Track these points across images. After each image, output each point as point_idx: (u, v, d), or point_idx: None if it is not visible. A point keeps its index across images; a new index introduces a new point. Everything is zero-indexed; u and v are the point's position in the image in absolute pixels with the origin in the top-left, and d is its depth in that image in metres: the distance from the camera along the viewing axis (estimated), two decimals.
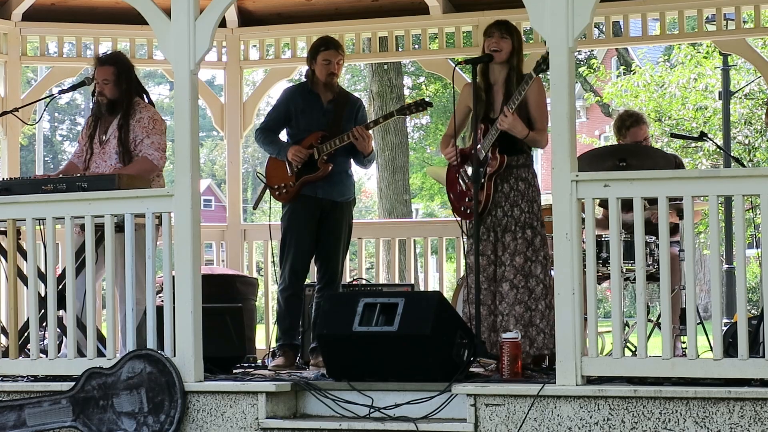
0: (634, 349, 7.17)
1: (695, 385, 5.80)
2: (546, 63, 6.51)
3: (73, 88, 8.02)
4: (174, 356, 6.56)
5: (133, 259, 6.75)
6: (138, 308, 6.80)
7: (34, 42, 10.38)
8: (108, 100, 7.57)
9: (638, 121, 8.40)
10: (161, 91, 47.66)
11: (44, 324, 7.09)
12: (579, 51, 21.16)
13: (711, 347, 6.58)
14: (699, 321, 7.19)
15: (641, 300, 6.06)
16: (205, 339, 6.63)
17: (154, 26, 6.82)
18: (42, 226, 7.04)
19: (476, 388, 6.06)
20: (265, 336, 9.13)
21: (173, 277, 6.65)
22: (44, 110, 9.93)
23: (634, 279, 6.89)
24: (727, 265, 19.58)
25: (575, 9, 6.09)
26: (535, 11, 6.20)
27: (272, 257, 8.71)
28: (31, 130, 28.86)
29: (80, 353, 6.91)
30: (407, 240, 10.10)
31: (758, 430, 5.62)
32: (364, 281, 9.39)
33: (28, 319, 7.05)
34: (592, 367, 6.03)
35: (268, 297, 10.09)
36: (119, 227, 6.84)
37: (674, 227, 8.29)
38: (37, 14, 9.84)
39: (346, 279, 8.95)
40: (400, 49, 10.32)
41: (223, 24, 9.86)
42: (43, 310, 7.02)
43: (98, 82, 7.58)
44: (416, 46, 11.20)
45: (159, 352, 6.56)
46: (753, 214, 10.74)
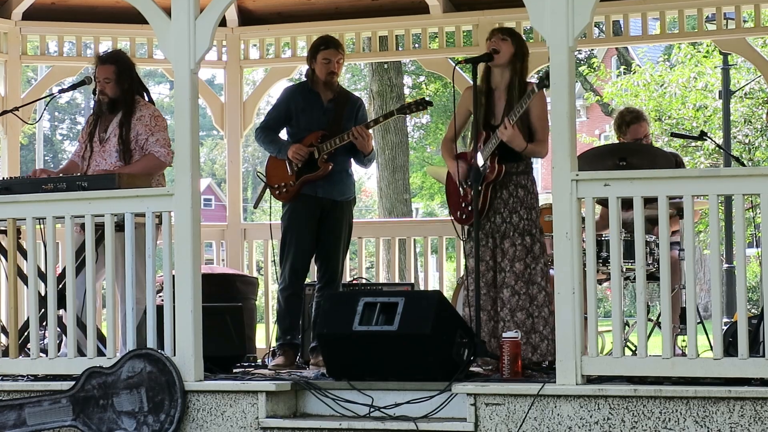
0: (634, 348, 7.17)
1: (695, 384, 5.80)
2: (549, 79, 6.39)
3: (73, 87, 8.02)
4: (174, 355, 6.56)
5: (133, 258, 6.75)
6: (138, 307, 6.79)
7: (35, 41, 10.37)
8: (109, 98, 7.57)
9: (638, 117, 8.39)
10: (161, 90, 47.64)
11: (44, 323, 7.08)
12: (579, 50, 21.19)
13: (711, 346, 6.57)
14: (699, 320, 7.18)
15: (641, 299, 6.06)
16: (205, 338, 6.63)
17: (154, 25, 6.82)
18: (42, 226, 7.03)
19: (476, 388, 6.06)
20: (265, 335, 9.13)
21: (173, 276, 6.64)
22: (44, 109, 9.95)
23: (634, 278, 6.88)
24: (727, 265, 19.57)
25: (575, 8, 6.09)
26: (535, 10, 6.20)
27: (272, 256, 8.71)
28: (32, 130, 28.86)
29: (80, 352, 6.91)
30: (407, 239, 10.10)
31: (758, 429, 5.62)
32: (364, 280, 9.38)
33: (28, 318, 7.05)
34: (592, 366, 6.03)
35: (268, 296, 10.08)
36: (119, 226, 6.84)
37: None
38: (38, 13, 9.83)
39: (346, 278, 8.94)
40: (400, 49, 10.31)
41: (223, 23, 9.86)
42: (43, 310, 7.02)
43: (99, 81, 7.58)
44: (416, 46, 11.21)
45: (159, 351, 6.56)
46: (753, 213, 10.74)
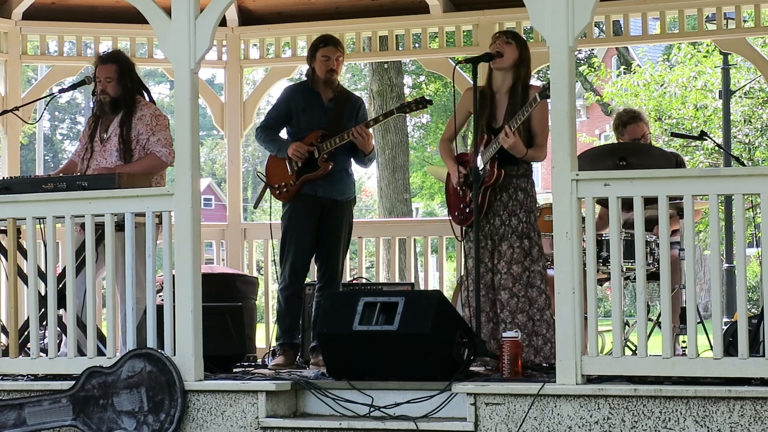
0: (634, 348, 7.17)
1: (695, 384, 5.80)
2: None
3: (73, 87, 8.01)
4: (174, 355, 6.56)
5: (133, 258, 6.75)
6: (138, 307, 6.79)
7: (35, 41, 10.37)
8: (111, 98, 7.56)
9: (635, 118, 8.38)
10: (161, 90, 47.66)
11: (44, 323, 7.08)
12: (579, 50, 21.19)
13: (711, 346, 6.57)
14: (699, 320, 7.18)
15: (641, 299, 6.06)
16: (205, 338, 6.63)
17: (154, 25, 6.82)
18: (42, 225, 7.03)
19: (476, 387, 6.06)
20: (265, 335, 9.13)
21: (173, 276, 6.64)
22: (44, 109, 9.95)
23: (635, 278, 6.88)
24: (727, 264, 19.57)
25: (575, 8, 6.08)
26: (535, 10, 6.19)
27: (272, 256, 8.71)
28: (32, 129, 28.88)
29: (80, 352, 6.91)
30: (407, 239, 10.09)
31: (758, 429, 5.61)
32: (364, 280, 9.39)
33: (28, 318, 7.05)
34: (592, 366, 6.03)
35: (268, 296, 10.08)
36: (119, 226, 6.84)
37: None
38: (38, 13, 9.83)
39: (347, 278, 8.94)
40: (400, 48, 10.31)
41: (223, 23, 9.86)
42: (43, 309, 7.02)
43: (100, 80, 7.57)
44: (416, 45, 11.20)
45: (159, 351, 6.56)
46: (753, 213, 10.75)
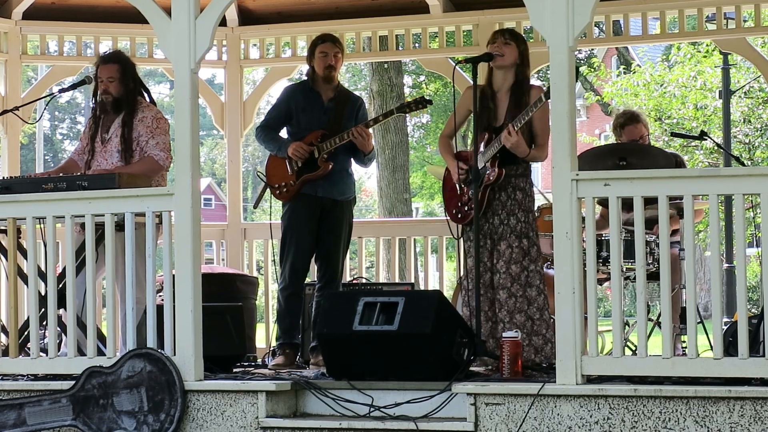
0: (634, 348, 7.17)
1: (695, 384, 5.80)
2: None
3: (73, 86, 8.01)
4: (174, 355, 6.56)
5: (133, 258, 6.75)
6: (138, 307, 6.79)
7: (35, 41, 10.37)
8: (113, 98, 7.56)
9: (632, 119, 8.39)
10: (161, 89, 47.67)
11: (44, 323, 7.08)
12: (579, 50, 21.17)
13: (711, 346, 6.57)
14: (699, 320, 7.18)
15: (641, 299, 6.05)
16: (205, 338, 6.63)
17: (154, 25, 6.82)
18: (42, 225, 7.03)
19: (476, 387, 6.06)
20: (265, 335, 9.13)
21: (173, 276, 6.64)
22: (44, 109, 9.96)
23: (635, 278, 6.88)
24: (727, 264, 19.57)
25: (575, 8, 6.08)
26: (535, 10, 6.19)
27: (272, 256, 8.70)
28: (32, 129, 28.89)
29: (80, 352, 6.91)
30: (407, 239, 10.09)
31: (758, 429, 5.61)
32: (364, 280, 9.39)
33: (28, 317, 7.05)
34: (593, 366, 6.02)
35: (268, 296, 10.08)
36: (119, 226, 6.84)
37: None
38: (38, 13, 9.83)
39: (347, 278, 8.94)
40: (400, 48, 10.31)
41: (223, 23, 9.86)
42: (43, 309, 7.02)
43: (102, 81, 7.57)
44: (416, 45, 11.20)
45: (159, 351, 6.56)
46: (753, 213, 10.75)
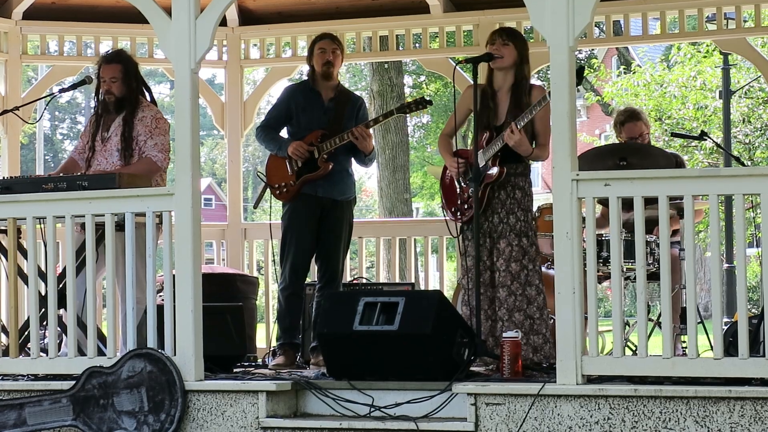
0: (634, 348, 7.17)
1: (696, 384, 5.80)
2: None
3: (73, 86, 8.01)
4: (174, 355, 6.56)
5: (133, 258, 6.75)
6: (138, 307, 6.79)
7: (35, 41, 10.37)
8: (116, 98, 7.57)
9: (632, 117, 8.39)
10: (162, 89, 47.66)
11: (44, 323, 7.08)
12: (579, 50, 21.17)
13: (711, 346, 6.57)
14: (699, 320, 7.18)
15: (642, 299, 6.06)
16: (205, 338, 6.63)
17: (154, 25, 6.82)
18: (42, 225, 7.03)
19: (477, 388, 6.06)
20: (265, 335, 9.12)
21: (174, 276, 6.64)
22: (45, 109, 9.96)
23: (635, 278, 6.88)
24: (727, 264, 19.57)
25: (576, 8, 6.08)
26: (535, 10, 6.20)
27: (273, 256, 8.70)
28: (32, 129, 28.89)
29: (80, 352, 6.91)
30: (408, 239, 10.10)
31: (758, 429, 5.61)
32: (364, 280, 9.39)
33: (28, 317, 7.05)
34: (593, 366, 6.03)
35: (268, 296, 10.08)
36: (120, 226, 6.84)
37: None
38: (38, 13, 9.84)
39: (347, 278, 8.94)
40: (400, 48, 10.32)
41: (223, 23, 9.86)
42: (43, 309, 7.02)
43: (105, 81, 7.57)
44: (417, 45, 11.20)
45: (159, 351, 6.56)
46: (753, 213, 10.74)
